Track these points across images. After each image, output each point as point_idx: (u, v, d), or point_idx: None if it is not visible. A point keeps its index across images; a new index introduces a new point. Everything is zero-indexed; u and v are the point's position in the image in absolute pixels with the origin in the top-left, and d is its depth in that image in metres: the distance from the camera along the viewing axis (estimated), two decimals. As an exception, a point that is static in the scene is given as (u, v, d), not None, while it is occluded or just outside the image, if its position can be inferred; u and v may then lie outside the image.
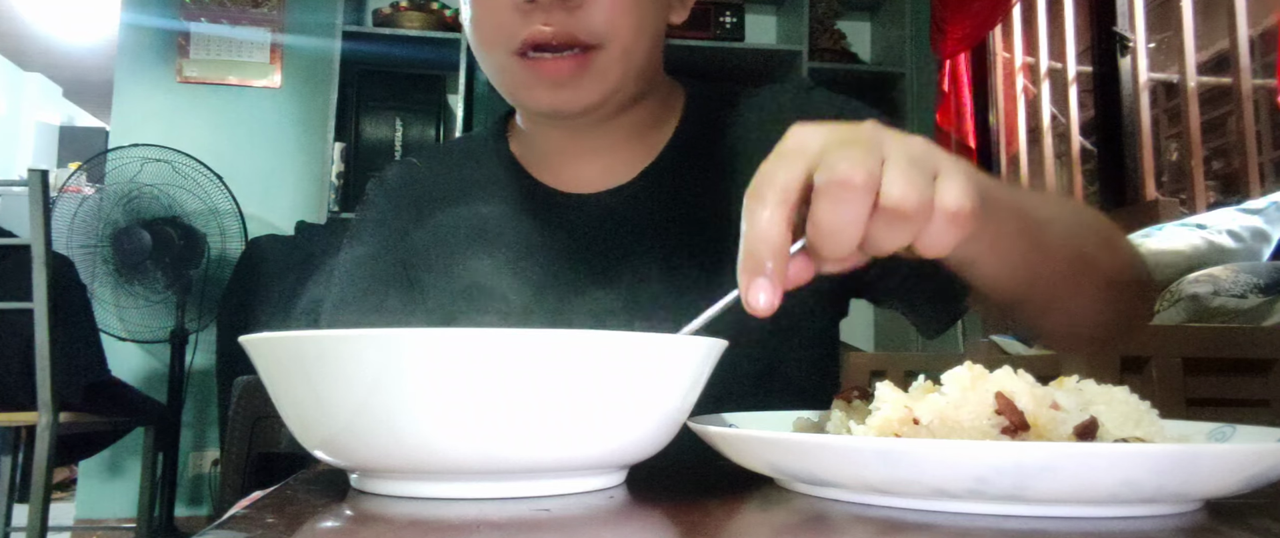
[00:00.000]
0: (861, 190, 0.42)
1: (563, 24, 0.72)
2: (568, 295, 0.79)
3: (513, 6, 0.72)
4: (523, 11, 0.72)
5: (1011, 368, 0.44)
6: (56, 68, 6.71)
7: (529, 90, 0.76)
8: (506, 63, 0.75)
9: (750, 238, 0.43)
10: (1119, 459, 0.35)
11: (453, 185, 0.88)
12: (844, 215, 0.42)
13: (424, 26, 3.32)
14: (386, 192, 0.90)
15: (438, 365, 0.38)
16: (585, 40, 0.73)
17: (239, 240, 3.18)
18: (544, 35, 0.72)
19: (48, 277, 2.12)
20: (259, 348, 0.43)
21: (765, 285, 0.43)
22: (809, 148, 0.44)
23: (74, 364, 2.29)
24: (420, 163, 0.92)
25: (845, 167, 0.42)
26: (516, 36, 0.73)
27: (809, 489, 0.44)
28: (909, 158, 0.43)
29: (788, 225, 0.43)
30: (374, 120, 3.42)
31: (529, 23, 0.72)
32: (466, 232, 0.84)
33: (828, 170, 0.42)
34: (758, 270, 0.43)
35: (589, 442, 0.42)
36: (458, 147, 0.93)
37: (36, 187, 2.13)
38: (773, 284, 0.43)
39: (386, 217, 0.88)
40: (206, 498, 3.41)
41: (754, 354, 0.77)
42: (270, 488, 0.51)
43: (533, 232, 0.83)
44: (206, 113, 3.53)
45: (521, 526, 0.37)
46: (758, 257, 0.43)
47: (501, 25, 0.74)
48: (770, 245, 0.43)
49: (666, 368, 0.43)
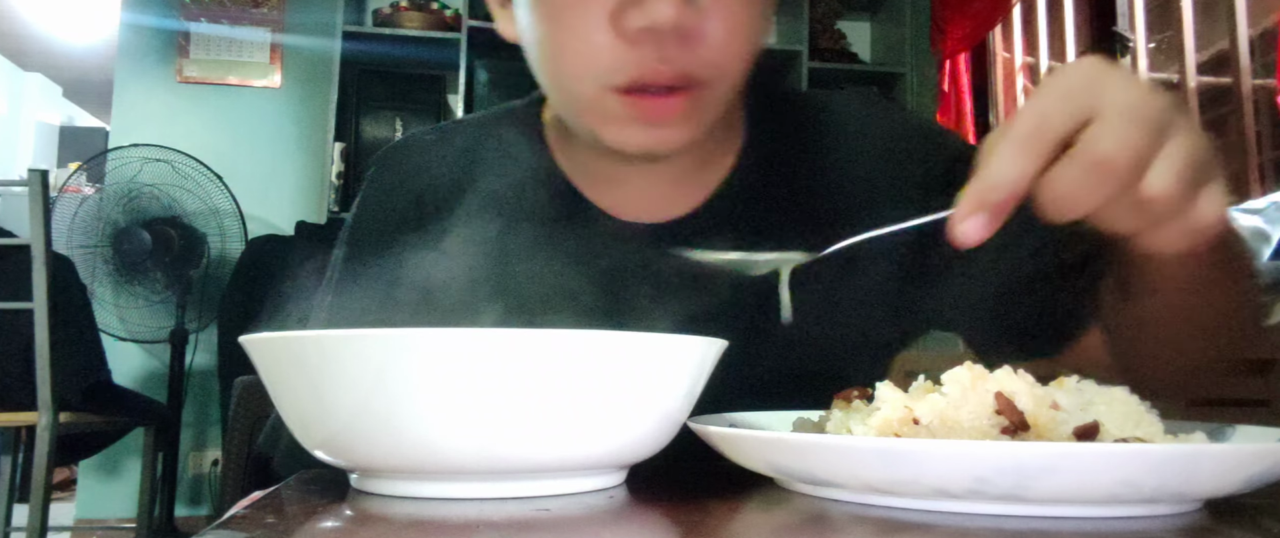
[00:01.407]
0: (1121, 175, 0.40)
1: (679, 61, 0.60)
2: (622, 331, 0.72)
3: (620, 37, 0.60)
4: (633, 42, 0.60)
5: (1011, 368, 0.44)
6: (56, 68, 6.70)
7: (621, 128, 0.64)
8: (600, 99, 0.63)
9: (992, 172, 0.42)
10: (1119, 459, 0.35)
11: (480, 182, 0.77)
12: (1089, 191, 0.41)
13: (424, 26, 3.31)
14: (395, 180, 0.79)
15: (438, 365, 0.38)
16: (701, 77, 0.62)
17: (239, 240, 3.18)
18: (661, 75, 0.61)
19: (48, 277, 2.12)
20: (259, 348, 0.43)
21: (982, 221, 0.43)
22: (1091, 97, 0.41)
23: (74, 364, 2.29)
24: (434, 142, 0.80)
25: (1112, 145, 0.40)
26: (621, 72, 0.61)
27: (809, 489, 0.44)
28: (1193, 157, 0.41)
29: (1032, 177, 0.41)
30: (374, 120, 3.42)
31: (639, 58, 0.60)
32: (500, 248, 0.74)
33: (1093, 139, 0.40)
34: (982, 206, 0.42)
35: (589, 442, 0.42)
36: (479, 133, 0.80)
37: (36, 187, 2.13)
38: (989, 221, 0.43)
39: (399, 209, 0.78)
40: (206, 498, 3.41)
41: (817, 360, 0.72)
42: (270, 488, 0.51)
43: (584, 261, 0.72)
44: (206, 113, 3.53)
45: (521, 526, 0.37)
46: (989, 194, 0.42)
47: (600, 58, 0.61)
48: (1006, 190, 0.42)
49: (666, 368, 0.43)
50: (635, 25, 0.59)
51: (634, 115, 0.63)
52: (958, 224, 0.43)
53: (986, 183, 0.42)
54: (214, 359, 3.19)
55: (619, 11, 0.59)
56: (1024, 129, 0.42)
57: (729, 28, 0.61)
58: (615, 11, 0.60)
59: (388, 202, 0.79)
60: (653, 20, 0.58)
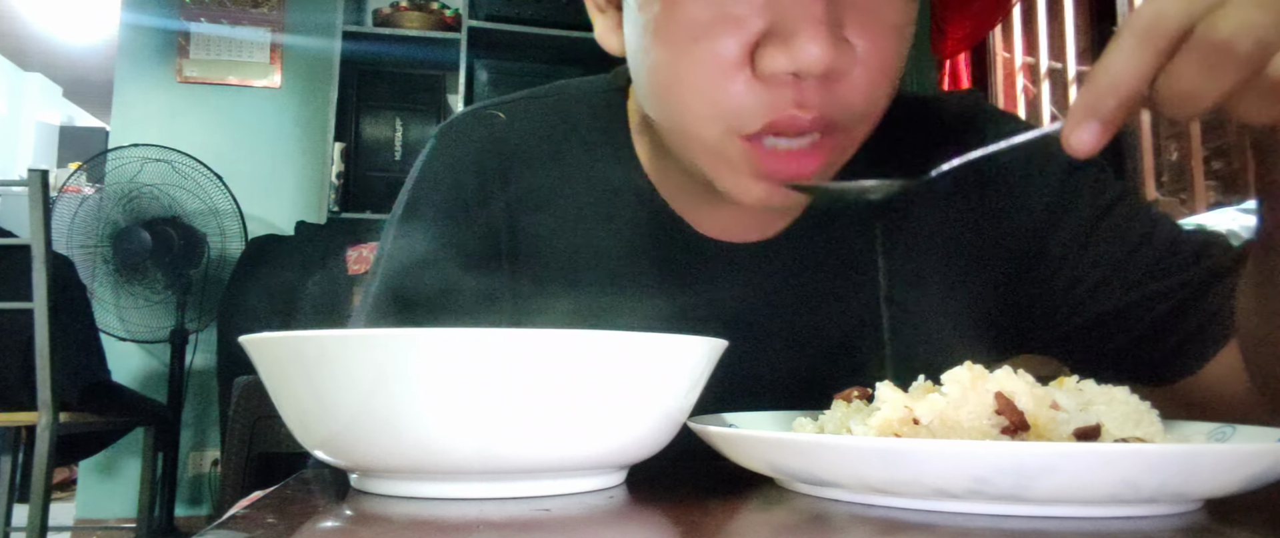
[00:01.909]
0: (1242, 62, 0.37)
1: (823, 104, 0.52)
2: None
3: (752, 82, 0.52)
4: (770, 84, 0.51)
5: (1011, 368, 0.44)
6: (56, 68, 6.70)
7: (741, 180, 0.56)
8: (723, 145, 0.55)
9: (1104, 73, 0.39)
10: (1119, 459, 0.35)
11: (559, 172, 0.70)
12: (1210, 80, 0.38)
13: (424, 26, 3.32)
14: (462, 154, 0.70)
15: (438, 365, 0.38)
16: (840, 122, 0.54)
17: (239, 240, 3.19)
18: (801, 123, 0.52)
19: (48, 277, 2.12)
20: (259, 348, 0.43)
21: (1095, 130, 0.40)
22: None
23: (74, 364, 2.29)
24: (508, 118, 0.72)
25: (1231, 28, 0.37)
26: (756, 117, 0.53)
27: (809, 489, 0.44)
28: None
29: (1149, 76, 0.39)
30: (374, 120, 3.42)
31: (775, 102, 0.52)
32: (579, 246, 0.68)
33: (1211, 26, 0.37)
34: (1093, 112, 0.40)
35: (589, 442, 0.42)
36: (554, 114, 0.72)
37: (36, 187, 2.13)
38: (1103, 131, 0.40)
39: (465, 188, 0.69)
40: (206, 498, 3.41)
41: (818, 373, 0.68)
42: (270, 488, 0.51)
43: (660, 272, 0.68)
44: (206, 113, 3.53)
45: (521, 526, 0.37)
46: (1100, 98, 0.39)
47: (732, 98, 0.52)
48: (1123, 91, 0.39)
49: (666, 368, 0.43)
50: (778, 68, 0.50)
51: (762, 170, 0.55)
52: (1069, 135, 0.41)
53: (1098, 86, 0.40)
54: (214, 359, 3.19)
55: (761, 51, 0.51)
56: (1139, 24, 0.39)
57: (876, 67, 0.53)
58: (755, 50, 0.51)
59: (452, 177, 0.70)
60: (800, 66, 0.50)
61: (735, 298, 0.68)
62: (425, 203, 0.70)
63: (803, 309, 0.68)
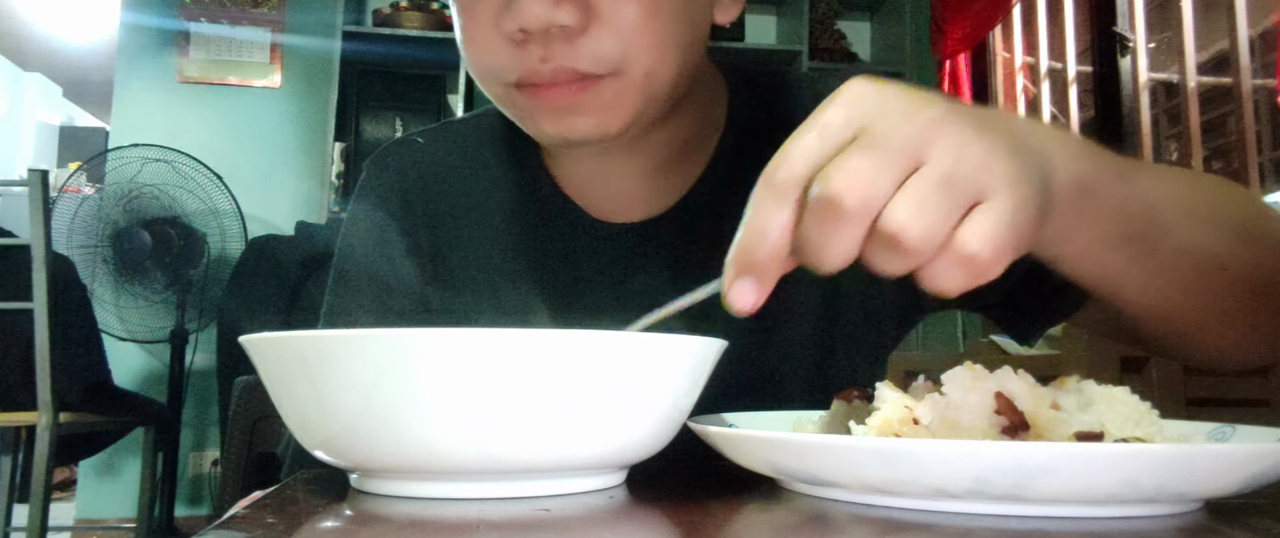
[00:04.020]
0: (853, 216, 0.36)
1: (563, 57, 0.59)
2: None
3: (504, 40, 0.60)
4: (515, 43, 0.60)
5: (1011, 368, 0.44)
6: (56, 68, 6.71)
7: (532, 119, 0.65)
8: (504, 94, 0.65)
9: (750, 229, 0.39)
10: (1119, 459, 0.35)
11: (472, 184, 0.77)
12: (832, 236, 0.37)
13: (424, 26, 3.32)
14: (386, 181, 0.78)
15: (438, 365, 0.38)
16: (592, 72, 0.60)
17: (239, 240, 3.19)
18: (541, 75, 0.60)
19: (48, 277, 2.12)
20: (259, 348, 0.43)
21: (751, 286, 0.40)
22: (841, 128, 0.38)
23: (74, 364, 2.29)
24: (426, 143, 0.80)
25: (842, 180, 0.36)
26: (510, 71, 0.61)
27: (809, 489, 0.44)
28: (946, 174, 0.36)
29: (789, 227, 0.39)
30: (374, 120, 3.43)
31: (523, 57, 0.60)
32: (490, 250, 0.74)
33: (825, 180, 0.37)
34: (747, 269, 0.40)
35: (589, 442, 0.42)
36: (471, 133, 0.80)
37: (36, 187, 2.13)
38: (759, 286, 0.40)
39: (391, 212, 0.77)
40: (206, 498, 3.41)
41: (803, 364, 0.71)
42: (270, 488, 0.51)
43: (568, 263, 0.73)
44: (206, 113, 3.53)
45: (521, 526, 0.37)
46: (750, 254, 0.39)
47: (492, 59, 0.62)
48: (767, 246, 0.39)
49: (666, 368, 0.43)
50: (508, 27, 0.58)
51: (536, 107, 0.63)
52: (727, 293, 0.41)
53: (745, 242, 0.40)
54: (214, 359, 3.19)
55: (498, 14, 0.59)
56: (770, 176, 0.39)
57: (627, 20, 0.59)
58: (496, 14, 0.60)
59: (378, 204, 0.78)
60: (522, 22, 0.57)
61: (638, 276, 0.71)
62: (360, 228, 0.78)
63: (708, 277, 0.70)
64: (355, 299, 0.76)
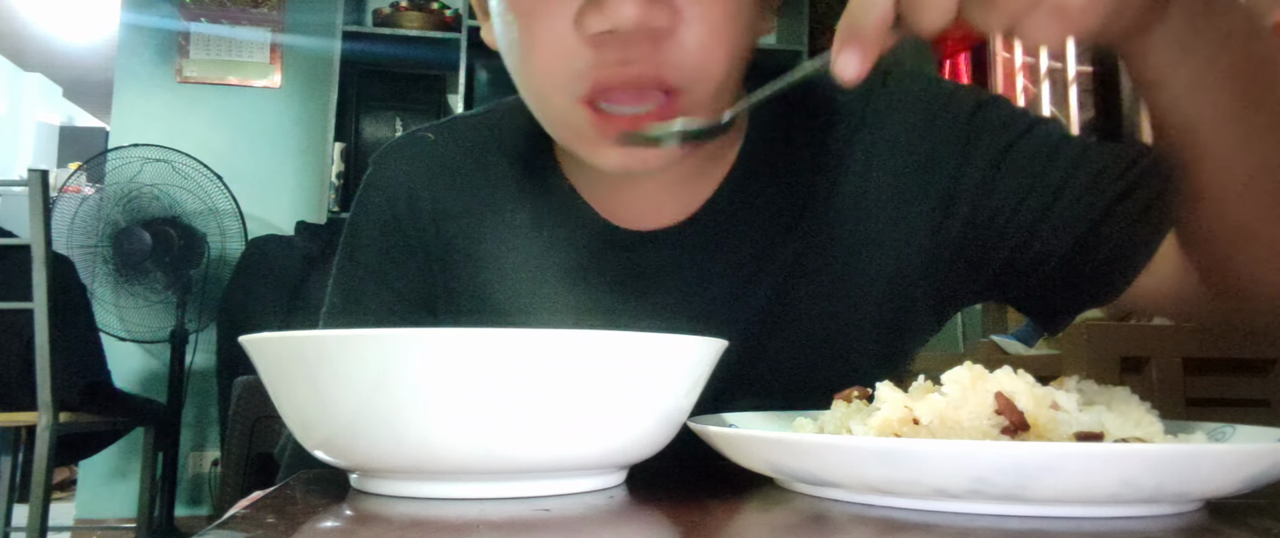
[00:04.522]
0: None
1: (646, 62, 0.56)
2: None
3: (582, 39, 0.56)
4: (594, 45, 0.56)
5: (1011, 368, 0.44)
6: (56, 68, 6.71)
7: (595, 147, 0.61)
8: (570, 113, 0.60)
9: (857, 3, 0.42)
10: (1119, 459, 0.35)
11: (482, 184, 0.74)
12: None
13: (424, 26, 3.32)
14: (392, 180, 0.76)
15: (438, 365, 0.38)
16: (673, 82, 0.57)
17: (239, 240, 3.18)
18: (623, 76, 0.57)
19: (48, 277, 2.12)
20: (259, 348, 0.43)
21: (856, 56, 0.42)
22: None
23: (74, 364, 2.29)
24: (436, 140, 0.77)
25: None
26: (585, 79, 0.57)
27: (809, 489, 0.44)
28: None
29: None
30: (374, 120, 3.43)
31: (601, 61, 0.56)
32: (501, 251, 0.72)
33: None
34: (853, 39, 0.42)
35: (589, 442, 0.42)
36: (482, 131, 0.77)
37: (36, 187, 2.13)
38: (865, 54, 0.42)
39: (397, 209, 0.75)
40: (206, 498, 3.41)
41: (806, 366, 0.70)
42: (270, 488, 0.51)
43: (584, 269, 0.71)
44: (206, 113, 3.53)
45: (521, 526, 0.37)
46: (856, 24, 0.42)
47: (564, 63, 0.57)
48: (873, 16, 0.41)
49: (666, 368, 0.43)
50: (595, 27, 0.55)
51: (605, 128, 0.59)
52: (835, 63, 0.43)
53: (853, 12, 0.42)
54: (214, 359, 3.19)
55: (581, 14, 0.56)
56: None
57: (707, 28, 0.57)
58: (578, 15, 0.56)
59: (385, 198, 0.76)
60: (614, 22, 0.54)
61: (656, 285, 0.70)
62: (365, 224, 0.76)
63: (726, 286, 0.70)
64: (358, 296, 0.75)
